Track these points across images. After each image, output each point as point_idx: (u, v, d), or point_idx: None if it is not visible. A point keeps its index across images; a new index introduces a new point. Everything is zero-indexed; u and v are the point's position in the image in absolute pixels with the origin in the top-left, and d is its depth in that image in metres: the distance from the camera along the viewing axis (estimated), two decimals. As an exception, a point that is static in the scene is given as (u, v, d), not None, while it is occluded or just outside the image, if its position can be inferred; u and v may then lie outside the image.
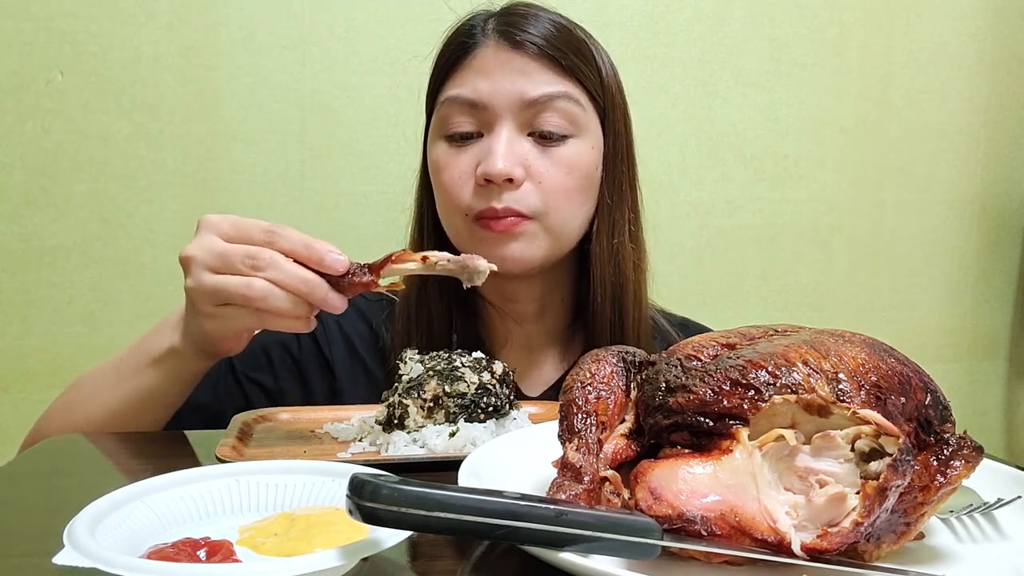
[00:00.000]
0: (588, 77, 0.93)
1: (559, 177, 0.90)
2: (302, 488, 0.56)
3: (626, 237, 0.96)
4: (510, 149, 0.88)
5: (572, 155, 0.91)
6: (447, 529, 0.42)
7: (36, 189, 1.43)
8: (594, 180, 0.94)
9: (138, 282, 1.47)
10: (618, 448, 0.52)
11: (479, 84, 0.90)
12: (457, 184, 0.91)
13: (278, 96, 1.48)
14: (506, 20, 0.92)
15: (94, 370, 0.88)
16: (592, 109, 0.93)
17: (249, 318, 0.71)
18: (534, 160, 0.90)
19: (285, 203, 1.50)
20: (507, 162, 0.87)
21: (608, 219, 0.95)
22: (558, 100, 0.90)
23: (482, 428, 0.73)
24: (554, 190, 0.90)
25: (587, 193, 0.94)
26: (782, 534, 0.45)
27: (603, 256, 0.95)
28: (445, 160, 0.92)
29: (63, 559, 0.42)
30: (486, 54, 0.91)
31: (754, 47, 1.65)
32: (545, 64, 0.90)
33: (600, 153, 0.95)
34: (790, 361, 0.49)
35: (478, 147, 0.90)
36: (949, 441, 0.50)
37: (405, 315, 0.99)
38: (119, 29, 1.43)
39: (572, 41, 0.92)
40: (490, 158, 0.87)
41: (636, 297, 0.97)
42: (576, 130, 0.91)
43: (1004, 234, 1.82)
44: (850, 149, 1.72)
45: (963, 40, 1.74)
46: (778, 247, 1.71)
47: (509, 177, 0.87)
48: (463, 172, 0.90)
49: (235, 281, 0.68)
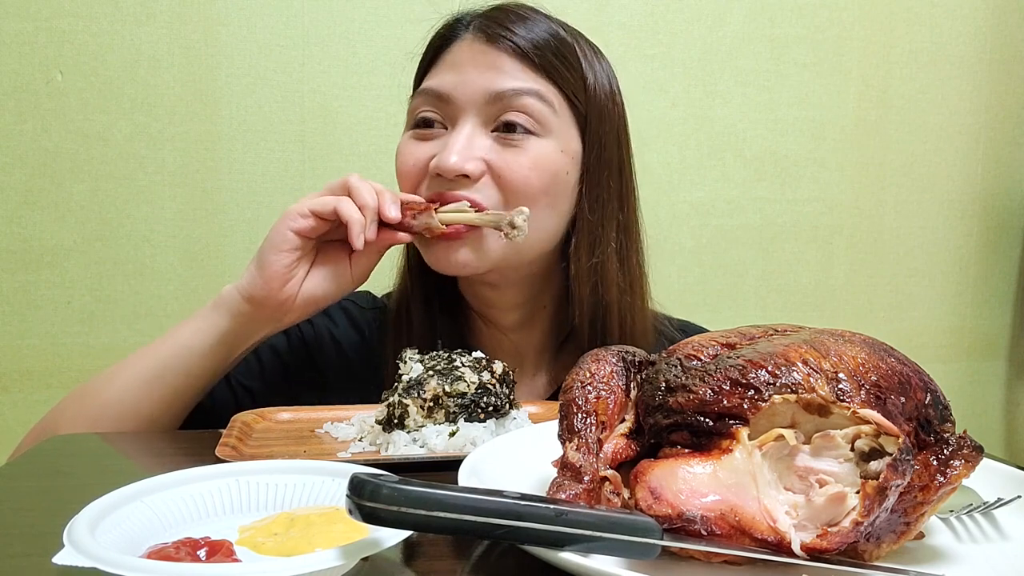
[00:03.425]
0: (566, 80, 0.89)
1: (522, 173, 0.86)
2: (302, 488, 0.56)
3: (611, 258, 0.92)
4: (468, 144, 0.86)
5: (535, 152, 0.87)
6: (447, 529, 0.42)
7: (36, 189, 1.43)
8: (563, 185, 0.89)
9: (138, 282, 1.47)
10: (618, 448, 0.52)
11: (449, 77, 0.89)
12: (411, 174, 0.90)
13: (278, 96, 1.49)
14: (489, 16, 0.90)
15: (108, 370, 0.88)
16: (568, 113, 0.90)
17: (315, 222, 0.83)
18: (494, 155, 0.87)
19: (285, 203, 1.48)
20: (461, 157, 0.85)
21: (588, 236, 0.91)
22: (526, 96, 0.86)
23: (482, 428, 0.73)
24: (515, 186, 0.86)
25: (554, 196, 0.89)
26: (782, 534, 0.45)
27: (581, 276, 0.91)
28: (403, 149, 0.91)
29: (63, 559, 0.42)
30: (461, 48, 0.90)
31: (754, 47, 1.65)
32: (519, 61, 0.88)
33: (573, 159, 0.90)
34: (790, 361, 0.49)
35: (439, 141, 0.89)
36: (949, 441, 0.50)
37: (396, 324, 0.98)
38: (119, 29, 1.43)
39: (555, 43, 0.89)
40: (444, 152, 0.86)
41: (623, 321, 0.93)
42: (542, 130, 0.88)
43: (1004, 234, 1.82)
44: (850, 149, 1.72)
45: (963, 40, 1.74)
46: (778, 247, 1.71)
47: (463, 172, 0.85)
48: (417, 162, 0.89)
49: (326, 191, 0.86)
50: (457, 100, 0.88)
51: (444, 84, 0.89)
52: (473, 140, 0.87)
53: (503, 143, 0.87)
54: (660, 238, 1.03)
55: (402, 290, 1.00)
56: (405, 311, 0.98)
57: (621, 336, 0.93)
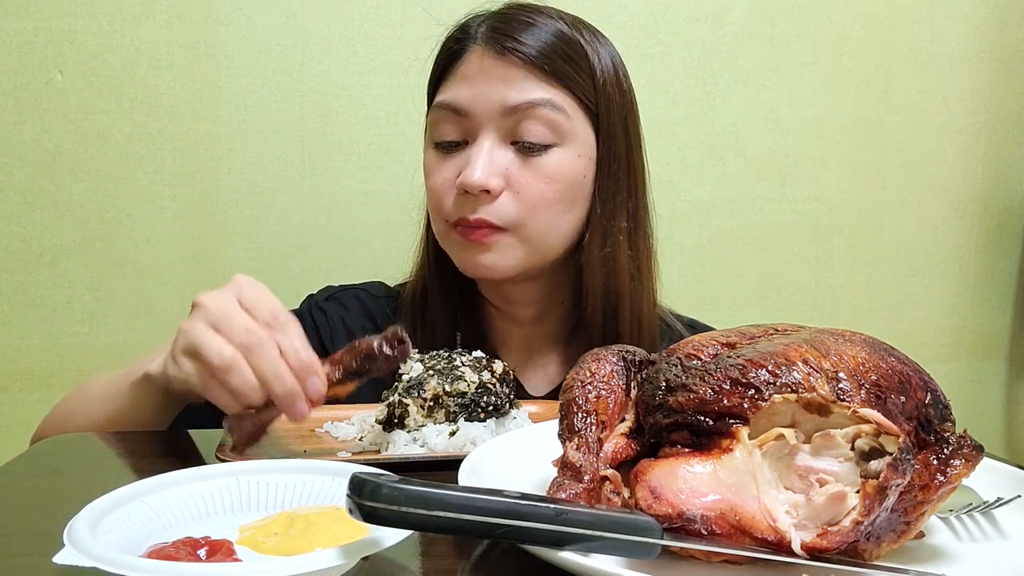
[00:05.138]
0: (578, 83, 0.91)
1: (539, 188, 0.90)
2: (302, 487, 0.56)
3: (621, 247, 0.94)
4: (489, 159, 0.89)
5: (554, 165, 0.90)
6: (447, 528, 0.42)
7: (36, 189, 1.43)
8: (580, 189, 0.93)
9: (137, 282, 1.47)
10: (618, 447, 0.52)
11: (463, 91, 0.91)
12: (440, 191, 0.92)
13: (278, 96, 1.48)
14: (496, 25, 0.92)
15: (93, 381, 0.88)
16: (582, 115, 0.92)
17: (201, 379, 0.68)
18: (515, 170, 0.90)
19: (285, 203, 1.50)
20: (484, 173, 0.88)
21: (600, 228, 0.94)
22: (540, 107, 0.89)
23: (482, 427, 0.73)
24: (532, 201, 0.90)
25: (570, 203, 0.92)
26: (782, 533, 0.45)
27: (593, 266, 0.94)
28: (431, 166, 0.94)
29: (63, 558, 0.42)
30: (472, 60, 0.91)
31: (754, 47, 1.65)
32: (530, 71, 0.89)
33: (589, 160, 0.93)
34: (790, 360, 0.49)
35: (462, 155, 0.91)
36: (949, 440, 0.50)
37: (410, 313, 1.00)
38: (119, 29, 1.43)
39: (562, 45, 0.91)
40: (468, 168, 0.88)
41: (635, 308, 0.96)
42: (559, 139, 0.90)
43: (1004, 234, 1.81)
44: (850, 149, 1.72)
45: (963, 40, 1.73)
46: (778, 247, 1.71)
47: (486, 188, 0.88)
48: (446, 179, 0.92)
49: (216, 342, 0.66)
50: (475, 115, 0.90)
51: (459, 99, 0.91)
52: (494, 155, 0.89)
53: (522, 157, 0.90)
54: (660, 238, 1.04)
55: (420, 281, 1.01)
56: (422, 302, 1.00)
57: (631, 323, 0.95)
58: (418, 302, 1.00)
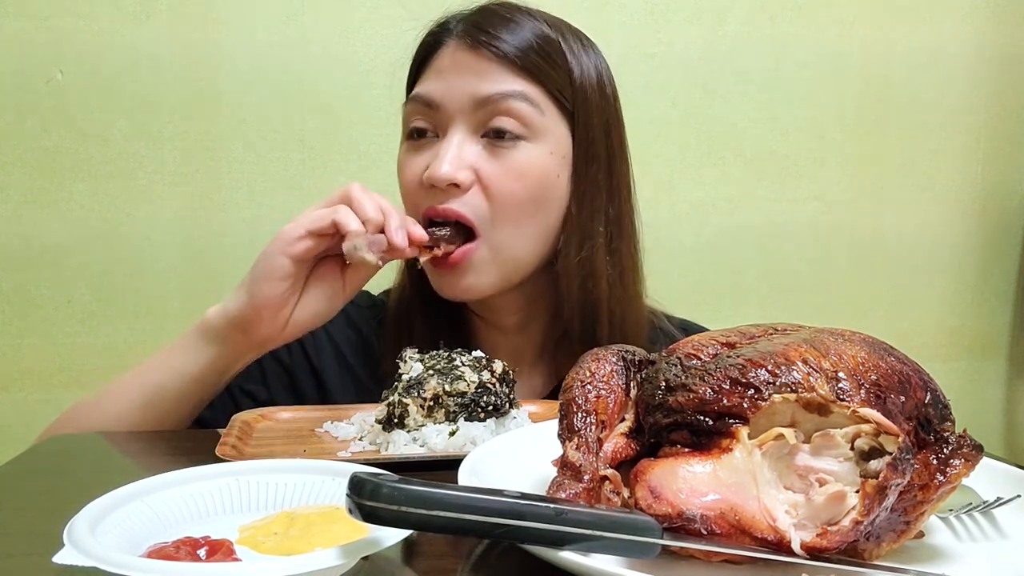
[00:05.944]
0: (553, 79, 0.89)
1: (508, 184, 0.87)
2: (302, 487, 0.56)
3: (599, 251, 0.92)
4: (458, 153, 0.87)
5: (523, 160, 0.88)
6: (447, 528, 0.42)
7: (36, 189, 1.43)
8: (553, 189, 0.90)
9: (138, 282, 1.47)
10: (618, 447, 0.52)
11: (435, 84, 0.90)
12: (412, 187, 0.91)
13: (278, 96, 1.48)
14: (473, 21, 0.90)
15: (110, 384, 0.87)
16: (556, 112, 0.90)
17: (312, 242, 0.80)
18: (483, 164, 0.87)
19: (285, 203, 1.50)
20: (452, 166, 0.86)
21: (577, 232, 0.91)
22: (511, 99, 0.87)
23: (482, 427, 0.73)
24: (501, 198, 0.87)
25: (541, 202, 0.89)
26: (782, 533, 0.45)
27: (570, 270, 0.91)
28: (403, 161, 0.93)
29: (63, 558, 0.42)
30: (446, 54, 0.90)
31: (754, 47, 1.65)
32: (503, 64, 0.88)
33: (563, 159, 0.90)
34: (790, 360, 0.49)
35: (433, 150, 0.89)
36: (949, 440, 0.50)
37: (395, 323, 0.98)
38: (119, 28, 1.43)
39: (539, 42, 0.89)
40: (436, 162, 0.86)
41: (614, 315, 0.93)
42: (530, 133, 0.88)
43: (1004, 234, 1.81)
44: (850, 148, 1.72)
45: (963, 40, 1.73)
46: (778, 246, 1.71)
47: (454, 182, 0.86)
48: (414, 176, 0.90)
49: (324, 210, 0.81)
50: (446, 108, 0.88)
51: (431, 91, 0.89)
52: (463, 148, 0.87)
53: (491, 150, 0.88)
54: (660, 238, 1.03)
55: (402, 290, 1.00)
56: (405, 311, 0.98)
57: (611, 331, 0.93)
58: (403, 313, 0.98)
